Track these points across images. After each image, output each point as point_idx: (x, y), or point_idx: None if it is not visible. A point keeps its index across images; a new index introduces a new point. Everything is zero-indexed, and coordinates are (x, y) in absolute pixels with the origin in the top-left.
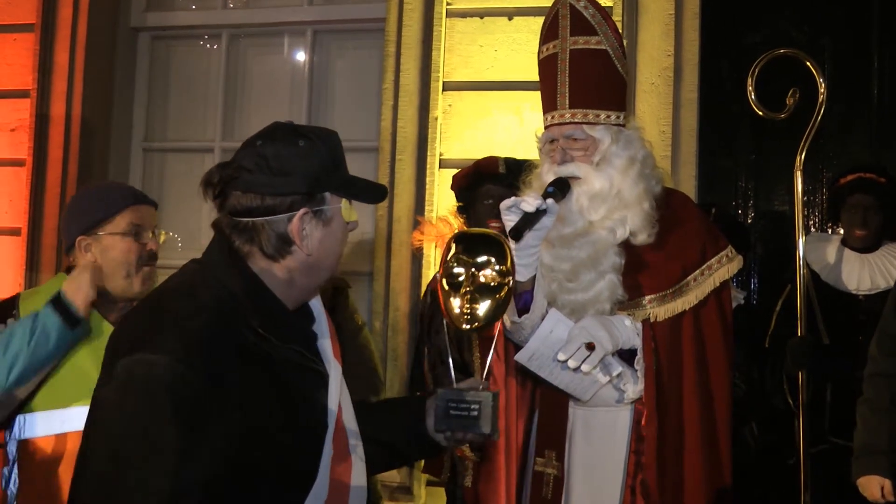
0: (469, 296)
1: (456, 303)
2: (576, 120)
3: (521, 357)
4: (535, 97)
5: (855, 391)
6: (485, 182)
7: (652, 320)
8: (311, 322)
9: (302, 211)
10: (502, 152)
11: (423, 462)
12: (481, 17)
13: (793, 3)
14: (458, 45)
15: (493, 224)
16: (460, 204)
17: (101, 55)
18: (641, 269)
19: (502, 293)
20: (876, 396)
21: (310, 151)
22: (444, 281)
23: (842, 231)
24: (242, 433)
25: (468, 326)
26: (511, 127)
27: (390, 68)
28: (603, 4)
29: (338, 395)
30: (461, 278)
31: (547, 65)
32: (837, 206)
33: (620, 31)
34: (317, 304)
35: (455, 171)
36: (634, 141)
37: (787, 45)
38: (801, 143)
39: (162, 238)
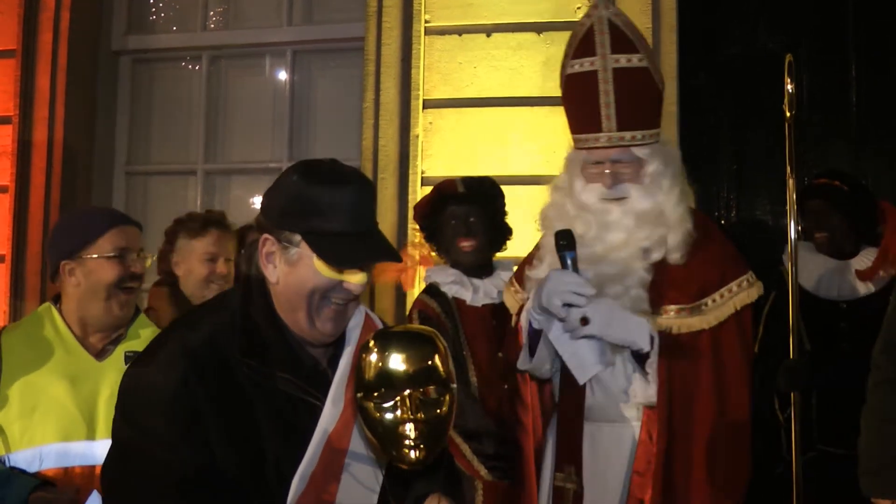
0: (417, 419)
1: (408, 429)
2: (624, 143)
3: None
4: (515, 113)
5: (840, 398)
6: (448, 204)
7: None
8: (335, 352)
9: (264, 236)
10: (483, 169)
11: None
12: (460, 35)
13: (768, 14)
14: (437, 62)
15: (464, 243)
16: (424, 232)
17: (82, 79)
18: (664, 284)
19: (444, 408)
20: (884, 406)
21: (291, 187)
22: (366, 401)
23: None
24: (216, 441)
25: (419, 457)
26: (491, 143)
27: (370, 87)
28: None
29: (326, 427)
30: (398, 397)
31: (582, 82)
32: (803, 215)
33: None
34: (353, 333)
35: None
36: (674, 157)
37: (764, 56)
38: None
39: (148, 262)
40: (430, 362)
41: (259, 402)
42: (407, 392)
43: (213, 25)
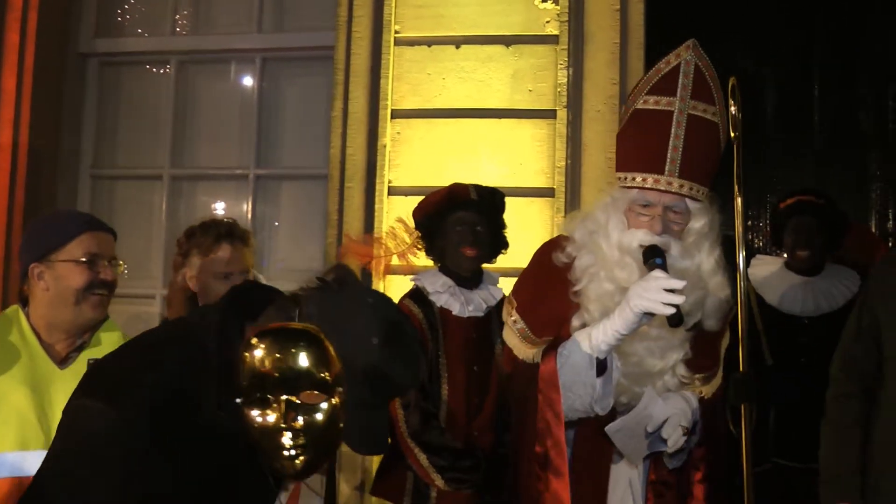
0: (293, 427)
1: (285, 439)
2: (682, 192)
3: (610, 429)
4: (483, 125)
5: (797, 412)
6: (456, 209)
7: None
8: None
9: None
10: (451, 179)
11: (372, 483)
12: (429, 46)
13: (738, 32)
14: (406, 73)
15: (468, 251)
16: (421, 230)
17: (49, 81)
18: (698, 352)
19: (326, 415)
20: (841, 417)
21: (359, 346)
22: (244, 406)
23: (785, 255)
24: (172, 496)
25: (299, 467)
26: (459, 154)
27: (339, 96)
28: (549, 33)
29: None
30: (277, 398)
31: (653, 119)
32: (779, 230)
33: (566, 59)
34: None
35: (404, 198)
36: (717, 221)
37: (733, 73)
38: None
39: (120, 269)
40: (306, 364)
41: (228, 449)
42: (283, 397)
43: (181, 30)
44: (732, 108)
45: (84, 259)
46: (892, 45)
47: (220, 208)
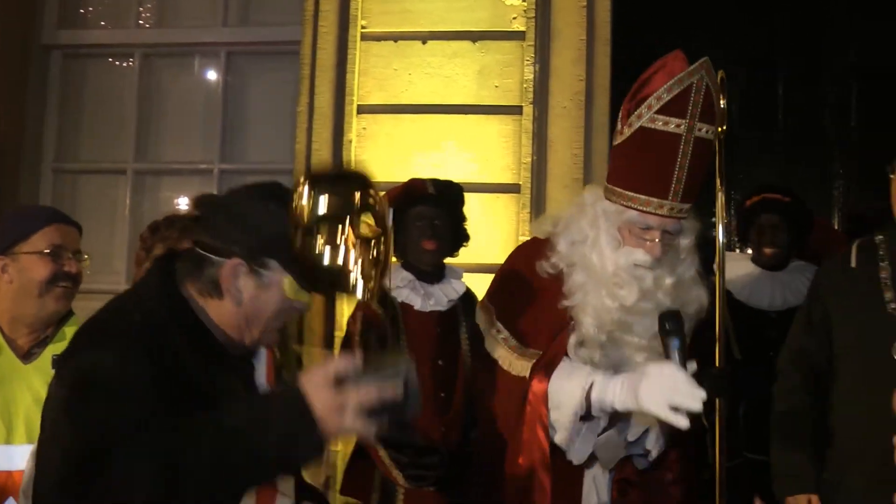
0: (357, 249)
1: (350, 266)
2: (682, 215)
3: (597, 443)
4: (449, 120)
5: (767, 407)
6: (415, 204)
7: None
8: (250, 353)
9: (235, 261)
10: (417, 175)
11: (339, 484)
12: (395, 41)
13: (702, 30)
14: (372, 68)
15: (428, 245)
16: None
17: (11, 73)
18: None
19: (382, 246)
20: (791, 410)
21: (272, 216)
22: (305, 243)
23: (751, 251)
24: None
25: (362, 290)
26: (425, 150)
27: (305, 91)
28: (515, 29)
29: None
30: (340, 231)
31: (662, 142)
32: (746, 226)
33: (533, 55)
34: None
35: None
36: (698, 230)
37: None
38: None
39: (85, 263)
40: (362, 193)
41: (204, 396)
42: (347, 219)
43: (145, 23)
44: (722, 102)
45: (48, 251)
46: (855, 44)
47: (184, 203)
